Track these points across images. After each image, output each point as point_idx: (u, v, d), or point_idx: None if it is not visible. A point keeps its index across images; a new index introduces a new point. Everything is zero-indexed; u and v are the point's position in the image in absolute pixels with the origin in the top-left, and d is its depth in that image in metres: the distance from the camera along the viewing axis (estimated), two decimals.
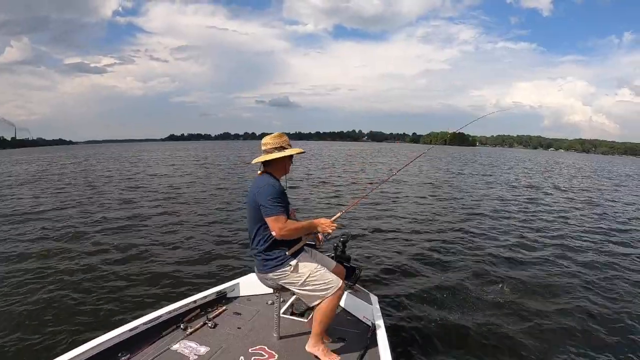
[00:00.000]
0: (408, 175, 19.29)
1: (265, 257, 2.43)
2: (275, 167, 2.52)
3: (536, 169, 32.84)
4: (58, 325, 3.81)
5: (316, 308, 2.42)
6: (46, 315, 4.01)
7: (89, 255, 6.00)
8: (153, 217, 8.94)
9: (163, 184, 15.57)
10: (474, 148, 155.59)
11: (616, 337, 3.90)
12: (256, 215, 2.40)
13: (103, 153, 50.80)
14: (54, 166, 27.20)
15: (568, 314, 4.34)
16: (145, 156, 41.19)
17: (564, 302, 4.64)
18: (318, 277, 2.39)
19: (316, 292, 2.38)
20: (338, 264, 2.80)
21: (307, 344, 2.45)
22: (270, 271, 2.43)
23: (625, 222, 10.08)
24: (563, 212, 11.06)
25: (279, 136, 2.51)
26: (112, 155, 45.12)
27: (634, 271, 5.93)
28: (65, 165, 28.31)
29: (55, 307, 4.22)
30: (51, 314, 4.04)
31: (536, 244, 7.20)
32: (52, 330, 3.71)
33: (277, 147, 2.47)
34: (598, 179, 24.99)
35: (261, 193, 2.35)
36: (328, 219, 2.50)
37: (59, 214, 9.34)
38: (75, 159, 35.93)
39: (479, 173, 24.39)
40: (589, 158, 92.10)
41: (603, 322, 4.18)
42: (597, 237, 7.95)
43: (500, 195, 13.80)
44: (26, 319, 3.93)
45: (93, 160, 34.31)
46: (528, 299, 4.69)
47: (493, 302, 4.53)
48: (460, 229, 8.28)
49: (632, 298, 4.90)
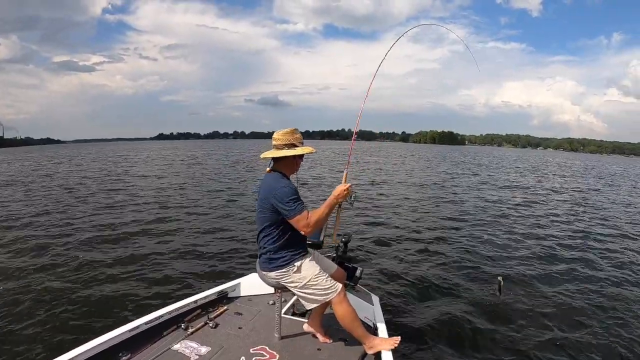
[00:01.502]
0: (407, 176, 19.52)
1: (271, 256, 2.40)
2: (285, 164, 2.41)
3: (528, 168, 33.22)
4: (58, 325, 3.79)
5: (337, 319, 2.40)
6: (46, 315, 3.99)
7: (89, 255, 5.99)
8: (153, 218, 8.91)
9: (161, 184, 15.54)
10: (464, 147, 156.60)
11: (614, 334, 3.95)
12: (266, 215, 2.36)
13: (105, 153, 50.16)
14: (55, 166, 26.80)
15: (569, 313, 4.37)
16: (135, 155, 40.89)
17: (565, 302, 4.66)
18: (319, 281, 2.36)
19: (315, 296, 2.36)
20: (339, 267, 2.78)
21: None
22: (274, 270, 2.41)
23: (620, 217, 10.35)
24: (561, 211, 11.25)
25: (291, 132, 2.36)
26: (109, 154, 44.79)
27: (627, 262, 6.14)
28: (70, 165, 28.01)
29: (55, 307, 4.19)
30: (51, 314, 4.02)
31: (537, 244, 7.22)
32: (52, 330, 3.69)
33: (287, 144, 2.35)
34: (603, 180, 25.17)
35: (277, 196, 2.26)
36: (340, 185, 2.38)
37: (61, 212, 9.45)
38: (78, 159, 35.47)
39: (474, 173, 24.56)
40: (579, 157, 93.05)
41: (602, 320, 4.25)
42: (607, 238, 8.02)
43: (496, 196, 13.84)
44: (26, 319, 3.91)
45: (93, 159, 33.96)
46: (529, 299, 4.72)
47: (493, 303, 4.55)
48: (461, 228, 8.35)
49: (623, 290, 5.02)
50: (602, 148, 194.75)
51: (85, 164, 27.45)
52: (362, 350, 2.47)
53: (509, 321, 4.13)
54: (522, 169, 30.12)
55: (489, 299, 4.64)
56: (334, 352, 2.48)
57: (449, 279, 5.29)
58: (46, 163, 29.71)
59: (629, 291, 5.14)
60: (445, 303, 4.53)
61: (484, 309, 4.39)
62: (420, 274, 5.43)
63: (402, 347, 3.48)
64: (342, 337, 2.63)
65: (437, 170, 25.16)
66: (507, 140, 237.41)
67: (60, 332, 3.65)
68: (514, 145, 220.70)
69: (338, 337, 2.63)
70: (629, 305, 4.64)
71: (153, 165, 26.09)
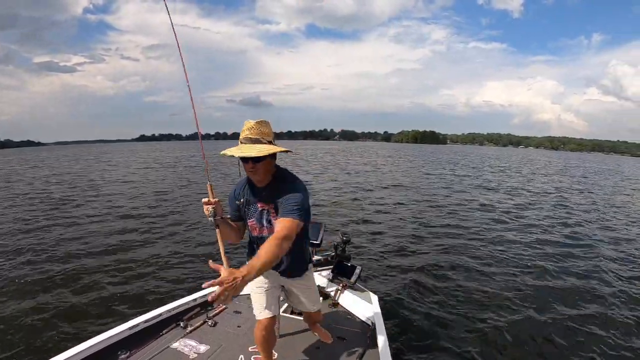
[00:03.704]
0: (407, 176, 19.64)
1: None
2: (265, 165, 1.85)
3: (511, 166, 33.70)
4: (58, 324, 3.77)
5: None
6: (46, 314, 3.97)
7: (89, 255, 5.98)
8: (152, 216, 8.91)
9: (160, 185, 15.48)
10: (445, 146, 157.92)
11: (612, 333, 3.98)
12: None
13: (106, 154, 48.96)
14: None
15: (568, 313, 4.39)
16: (127, 157, 40.11)
17: (566, 302, 4.68)
18: (315, 291, 2.34)
19: (310, 303, 2.32)
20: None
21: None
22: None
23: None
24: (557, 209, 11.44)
25: (268, 124, 1.86)
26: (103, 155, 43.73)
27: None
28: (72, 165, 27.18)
29: (54, 306, 4.17)
30: (51, 314, 3.99)
31: (539, 245, 7.24)
32: (52, 330, 3.67)
33: (269, 140, 1.83)
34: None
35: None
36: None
37: (65, 210, 9.61)
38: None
39: (475, 175, 24.22)
40: (560, 155, 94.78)
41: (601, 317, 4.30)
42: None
43: (490, 195, 13.93)
44: (26, 319, 3.88)
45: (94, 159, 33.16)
46: (529, 299, 4.73)
47: (493, 302, 4.57)
48: (460, 227, 8.42)
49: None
50: (582, 146, 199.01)
51: (86, 164, 26.85)
52: (361, 349, 2.49)
53: (511, 322, 4.12)
54: (523, 171, 29.69)
55: (490, 300, 4.66)
56: (332, 351, 2.50)
57: (448, 278, 5.33)
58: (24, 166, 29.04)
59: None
60: (445, 302, 4.55)
61: (484, 309, 4.41)
62: (420, 273, 5.45)
63: (401, 346, 3.54)
64: (340, 336, 2.66)
65: (437, 171, 25.16)
66: (489, 139, 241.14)
67: (59, 331, 3.63)
68: (495, 144, 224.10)
69: (336, 336, 2.65)
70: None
71: (147, 166, 25.83)
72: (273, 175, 1.92)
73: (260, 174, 1.85)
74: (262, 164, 1.81)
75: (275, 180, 1.91)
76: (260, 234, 1.97)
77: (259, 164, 1.81)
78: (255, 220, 1.97)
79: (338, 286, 3.30)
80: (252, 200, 1.96)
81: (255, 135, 1.79)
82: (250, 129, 1.80)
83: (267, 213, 1.93)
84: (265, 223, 1.94)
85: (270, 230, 1.91)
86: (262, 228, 1.96)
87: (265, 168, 1.85)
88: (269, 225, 1.93)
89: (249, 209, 1.98)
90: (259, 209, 1.94)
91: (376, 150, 62.67)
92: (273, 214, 1.90)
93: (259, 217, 1.95)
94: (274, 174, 1.92)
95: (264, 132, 1.81)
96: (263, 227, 1.96)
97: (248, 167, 1.81)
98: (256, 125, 1.81)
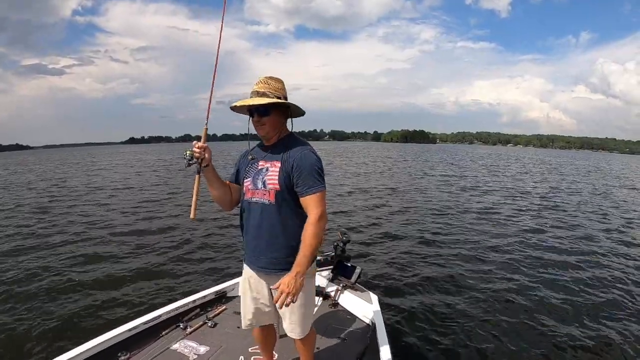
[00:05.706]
0: (406, 176, 19.61)
1: None
2: (272, 120, 1.79)
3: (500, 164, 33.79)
4: (57, 325, 3.73)
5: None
6: (46, 315, 3.93)
7: (89, 254, 5.94)
8: (152, 217, 8.86)
9: (158, 184, 15.42)
10: (435, 145, 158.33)
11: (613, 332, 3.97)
12: None
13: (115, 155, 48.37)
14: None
15: (569, 313, 4.38)
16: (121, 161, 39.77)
17: (566, 302, 4.65)
18: (310, 305, 2.01)
19: (300, 319, 1.94)
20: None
21: None
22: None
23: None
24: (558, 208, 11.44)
25: (278, 80, 1.81)
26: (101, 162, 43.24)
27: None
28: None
29: (54, 306, 4.13)
30: (51, 313, 3.96)
31: (540, 245, 7.17)
32: (51, 330, 3.64)
33: (279, 96, 1.76)
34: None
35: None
36: None
37: (64, 211, 9.54)
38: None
39: (474, 175, 24.05)
40: (549, 153, 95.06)
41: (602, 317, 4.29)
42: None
43: (491, 194, 13.93)
44: (26, 319, 3.84)
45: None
46: (530, 299, 4.70)
47: (494, 303, 4.55)
48: (460, 227, 8.40)
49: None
50: (571, 144, 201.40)
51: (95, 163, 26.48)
52: (361, 349, 2.49)
53: (511, 322, 4.10)
54: (524, 171, 29.42)
55: (490, 300, 4.64)
56: (333, 352, 2.49)
57: (448, 277, 5.31)
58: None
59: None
60: (446, 302, 4.53)
61: (485, 309, 4.39)
62: (419, 273, 5.43)
63: (401, 346, 3.53)
64: (340, 337, 2.65)
65: (436, 171, 24.89)
66: (478, 138, 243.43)
67: (59, 332, 3.60)
68: (485, 143, 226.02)
69: (336, 337, 2.64)
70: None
71: (144, 169, 25.51)
72: (283, 135, 1.85)
73: (267, 128, 1.77)
74: (269, 119, 1.75)
75: (284, 139, 1.83)
76: (252, 197, 1.82)
77: (265, 118, 1.74)
78: (250, 180, 1.83)
79: (338, 286, 3.28)
80: (256, 159, 1.86)
81: (262, 89, 1.73)
82: (258, 83, 1.75)
83: (265, 172, 1.80)
84: (259, 184, 1.79)
85: (261, 194, 1.78)
86: (255, 190, 1.81)
87: (273, 123, 1.77)
88: (262, 187, 1.79)
89: (250, 167, 1.86)
90: (259, 168, 1.83)
91: (369, 152, 62.56)
92: (271, 176, 1.78)
93: (256, 175, 1.82)
94: (284, 135, 1.85)
95: (273, 87, 1.75)
96: (256, 190, 1.80)
97: (254, 120, 1.76)
98: (265, 79, 1.76)
